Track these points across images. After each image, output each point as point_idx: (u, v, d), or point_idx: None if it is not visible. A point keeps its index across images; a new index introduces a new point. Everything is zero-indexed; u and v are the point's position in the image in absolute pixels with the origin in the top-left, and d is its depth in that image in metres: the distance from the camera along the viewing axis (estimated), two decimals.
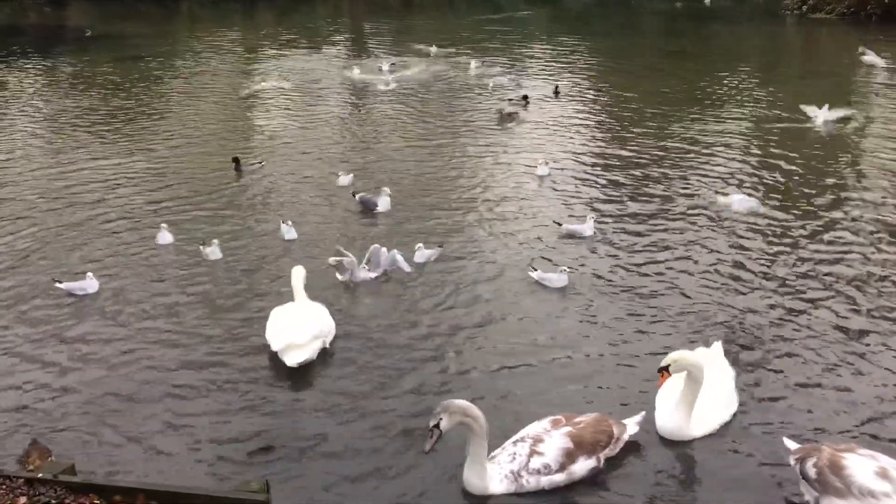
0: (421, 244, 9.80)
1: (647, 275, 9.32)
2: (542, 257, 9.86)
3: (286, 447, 6.38)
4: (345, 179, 12.80)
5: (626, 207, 11.58)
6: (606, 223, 10.86)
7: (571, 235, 10.47)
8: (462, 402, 5.67)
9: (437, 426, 5.55)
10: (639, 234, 10.54)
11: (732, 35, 29.44)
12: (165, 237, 10.47)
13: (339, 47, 28.55)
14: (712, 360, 6.78)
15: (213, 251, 9.96)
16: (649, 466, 6.09)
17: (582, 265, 9.64)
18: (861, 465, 5.18)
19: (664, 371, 6.27)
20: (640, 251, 10.01)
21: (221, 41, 30.09)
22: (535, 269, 9.20)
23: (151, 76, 23.05)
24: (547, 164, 13.18)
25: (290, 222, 10.65)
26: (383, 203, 11.70)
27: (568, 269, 9.06)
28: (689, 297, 8.72)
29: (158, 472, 6.12)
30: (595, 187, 12.54)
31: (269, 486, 5.51)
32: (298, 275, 8.29)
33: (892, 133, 15.20)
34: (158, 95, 20.57)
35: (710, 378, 6.42)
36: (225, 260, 9.95)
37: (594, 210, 11.24)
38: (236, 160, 13.62)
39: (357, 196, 11.87)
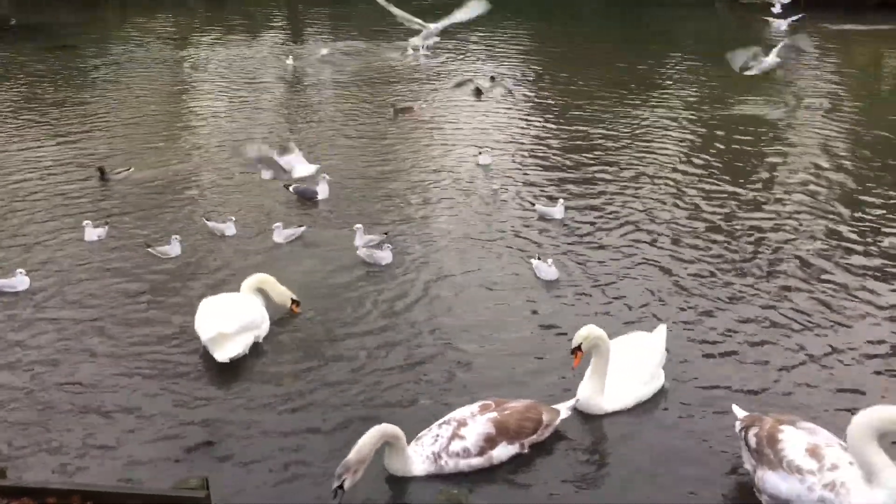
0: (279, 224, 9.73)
1: (602, 262, 9.42)
2: (487, 238, 10.00)
3: (225, 443, 6.33)
4: (267, 174, 12.21)
5: (573, 193, 11.66)
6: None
7: (543, 218, 10.57)
8: (357, 453, 5.47)
9: (340, 487, 5.40)
10: (590, 222, 10.62)
11: (666, 20, 29.84)
12: (93, 233, 10.16)
13: (274, 34, 28.07)
14: (640, 340, 6.96)
15: (172, 248, 9.63)
16: (573, 445, 6.22)
17: (541, 248, 9.75)
18: (795, 439, 5.27)
19: (577, 351, 6.37)
20: (596, 236, 10.16)
21: (154, 28, 29.33)
22: (539, 259, 9.08)
23: (80, 66, 22.34)
24: (487, 152, 13.16)
25: (233, 218, 10.43)
26: (322, 190, 11.58)
27: (552, 263, 8.92)
28: (647, 279, 8.89)
29: (94, 473, 6.01)
30: (539, 174, 12.57)
31: (208, 482, 5.42)
32: (254, 278, 8.18)
33: (817, 113, 15.67)
34: (87, 86, 19.94)
35: (632, 356, 6.64)
36: (158, 258, 9.69)
37: (539, 197, 11.32)
38: (101, 170, 12.54)
39: (291, 188, 11.74)
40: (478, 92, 17.65)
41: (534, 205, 10.89)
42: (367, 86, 19.32)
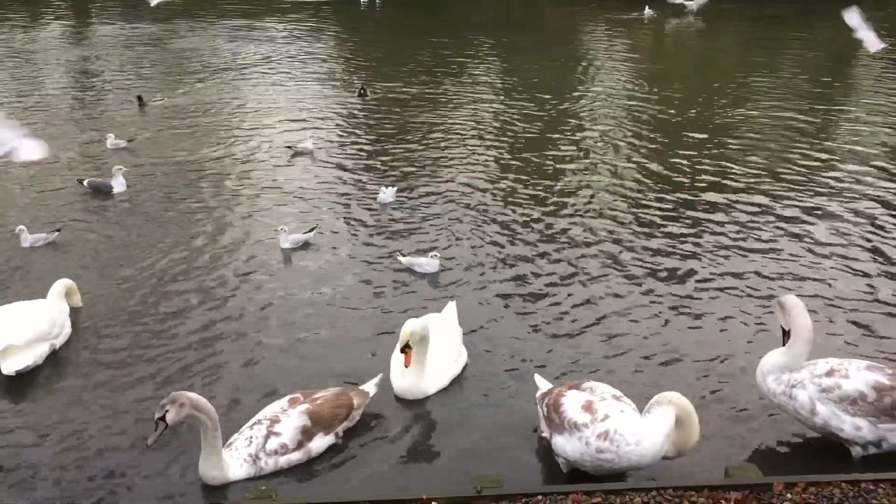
0: None
1: (425, 241, 9.51)
2: (313, 224, 9.77)
3: (13, 465, 5.75)
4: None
5: (392, 177, 11.71)
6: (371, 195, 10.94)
7: (379, 203, 10.56)
8: (192, 395, 5.45)
9: (162, 418, 5.32)
10: (414, 205, 10.70)
11: (472, 7, 30.51)
12: None
13: (62, 19, 26.11)
14: (441, 321, 7.07)
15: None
16: (382, 430, 6.22)
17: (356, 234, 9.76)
18: (573, 400, 5.47)
19: (406, 349, 6.32)
20: (420, 219, 10.23)
21: None
22: (404, 255, 8.88)
23: None
24: (311, 138, 13.00)
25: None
26: (118, 183, 10.94)
27: (438, 256, 8.71)
28: (445, 262, 8.93)
29: None
30: (357, 161, 12.49)
31: None
32: (61, 283, 7.63)
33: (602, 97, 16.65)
34: None
35: (440, 337, 6.72)
36: None
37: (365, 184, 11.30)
38: None
39: (85, 182, 11.06)
40: (362, 91, 16.49)
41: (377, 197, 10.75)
42: (157, 73, 18.38)
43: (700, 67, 19.77)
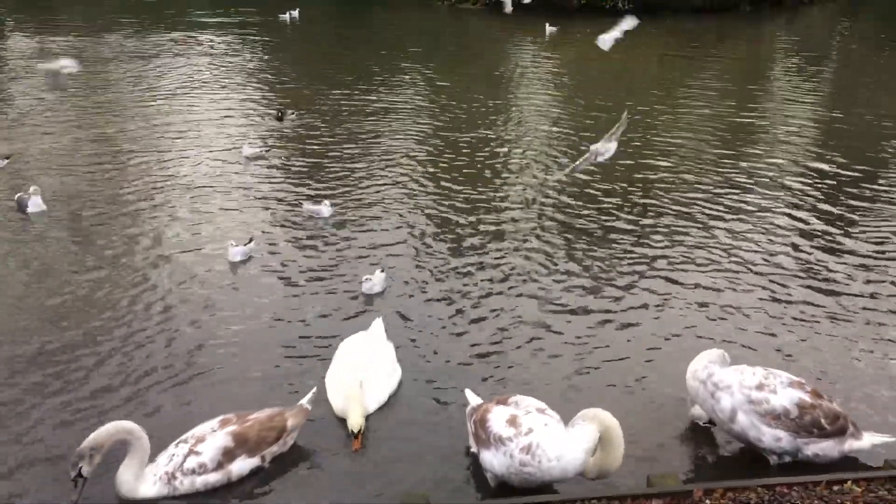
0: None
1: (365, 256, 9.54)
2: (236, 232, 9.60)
3: None
4: None
5: (331, 192, 11.66)
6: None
7: (310, 217, 10.52)
8: (96, 435, 5.36)
9: (79, 475, 5.27)
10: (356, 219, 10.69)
11: (394, 23, 30.61)
12: None
13: None
14: (371, 339, 7.11)
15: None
16: (320, 449, 6.16)
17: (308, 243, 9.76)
18: (498, 415, 5.53)
19: (358, 434, 6.12)
20: (362, 232, 10.24)
21: None
22: (383, 271, 8.73)
23: None
24: (248, 144, 13.00)
25: None
26: (34, 204, 10.61)
27: (374, 274, 8.61)
28: (403, 270, 9.05)
29: None
30: (291, 176, 12.43)
31: None
32: None
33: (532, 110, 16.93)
34: None
35: (373, 355, 6.78)
36: None
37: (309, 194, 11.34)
38: None
39: (16, 196, 10.84)
40: (280, 113, 15.88)
41: (301, 205, 10.86)
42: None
43: (621, 79, 20.27)
